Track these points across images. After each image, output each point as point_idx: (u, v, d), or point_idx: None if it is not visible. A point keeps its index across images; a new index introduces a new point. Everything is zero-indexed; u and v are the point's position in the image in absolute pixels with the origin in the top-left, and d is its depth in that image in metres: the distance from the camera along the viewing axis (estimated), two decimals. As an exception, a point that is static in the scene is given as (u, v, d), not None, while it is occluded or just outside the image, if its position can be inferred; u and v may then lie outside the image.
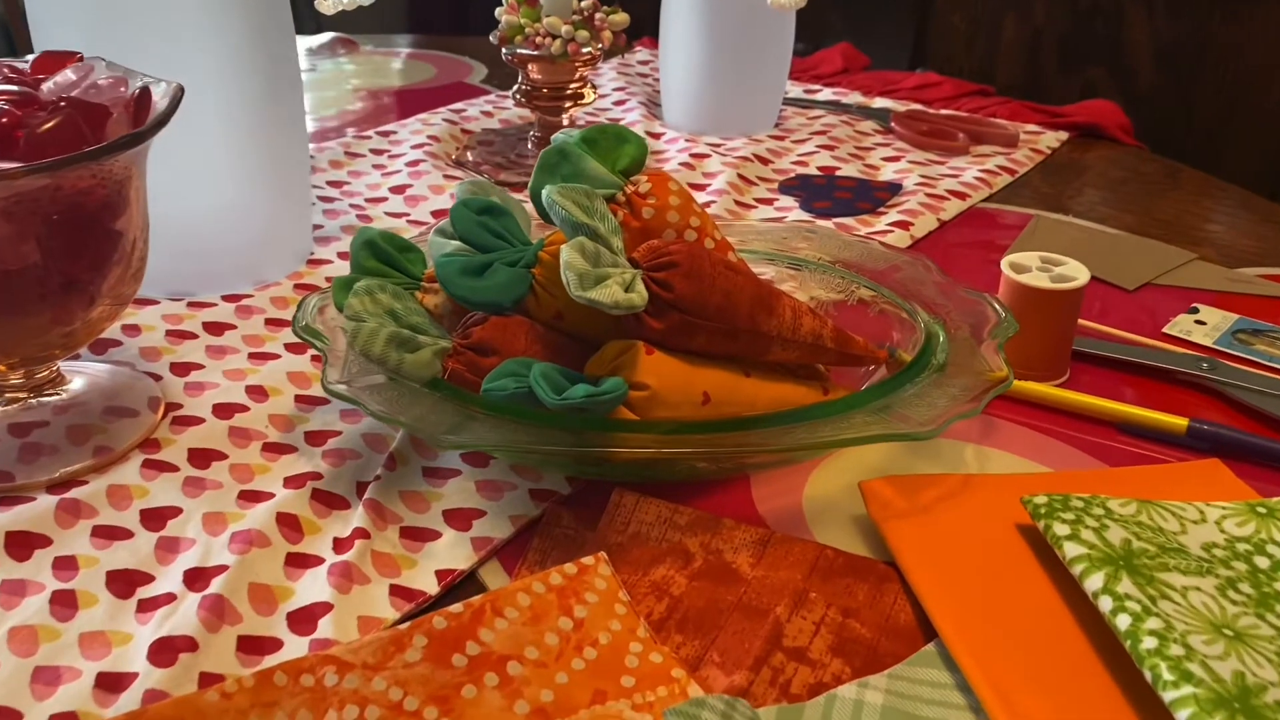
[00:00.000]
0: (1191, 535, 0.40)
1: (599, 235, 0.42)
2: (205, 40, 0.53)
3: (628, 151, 0.47)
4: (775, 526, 0.43)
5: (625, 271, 0.41)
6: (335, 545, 0.40)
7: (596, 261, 0.41)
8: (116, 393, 0.49)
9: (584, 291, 0.39)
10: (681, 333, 0.42)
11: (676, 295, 0.41)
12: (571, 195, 0.42)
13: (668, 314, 0.41)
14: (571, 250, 0.40)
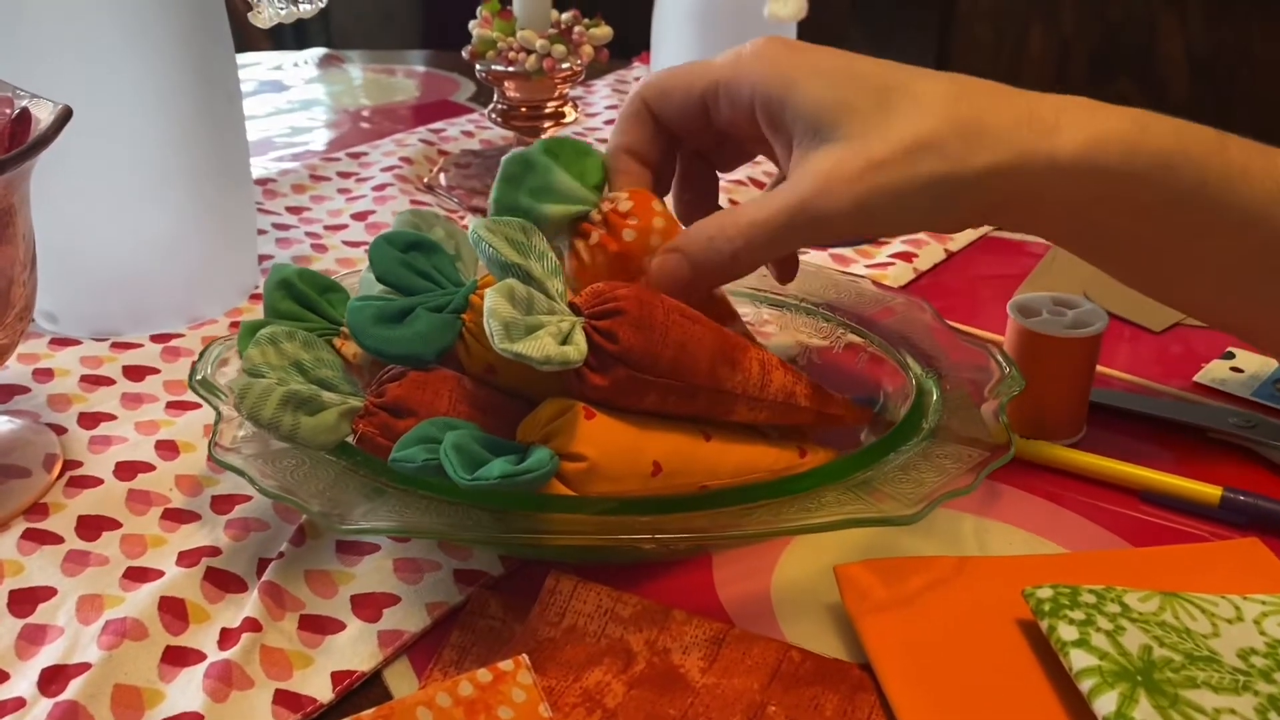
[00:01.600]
0: (1226, 639, 0.34)
1: (532, 277, 0.36)
2: (124, 53, 0.49)
3: (592, 166, 0.41)
4: (737, 617, 0.37)
5: (563, 319, 0.35)
6: (221, 638, 0.35)
7: (529, 308, 0.35)
8: (11, 449, 0.44)
9: (510, 344, 0.34)
10: (629, 391, 0.36)
11: (623, 348, 0.35)
12: (503, 230, 0.37)
13: (613, 369, 0.36)
14: (498, 296, 0.34)
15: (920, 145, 0.37)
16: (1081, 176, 0.37)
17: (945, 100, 0.37)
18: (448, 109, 0.89)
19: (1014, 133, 0.37)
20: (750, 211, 0.38)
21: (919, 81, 0.38)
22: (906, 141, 0.37)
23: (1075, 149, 0.36)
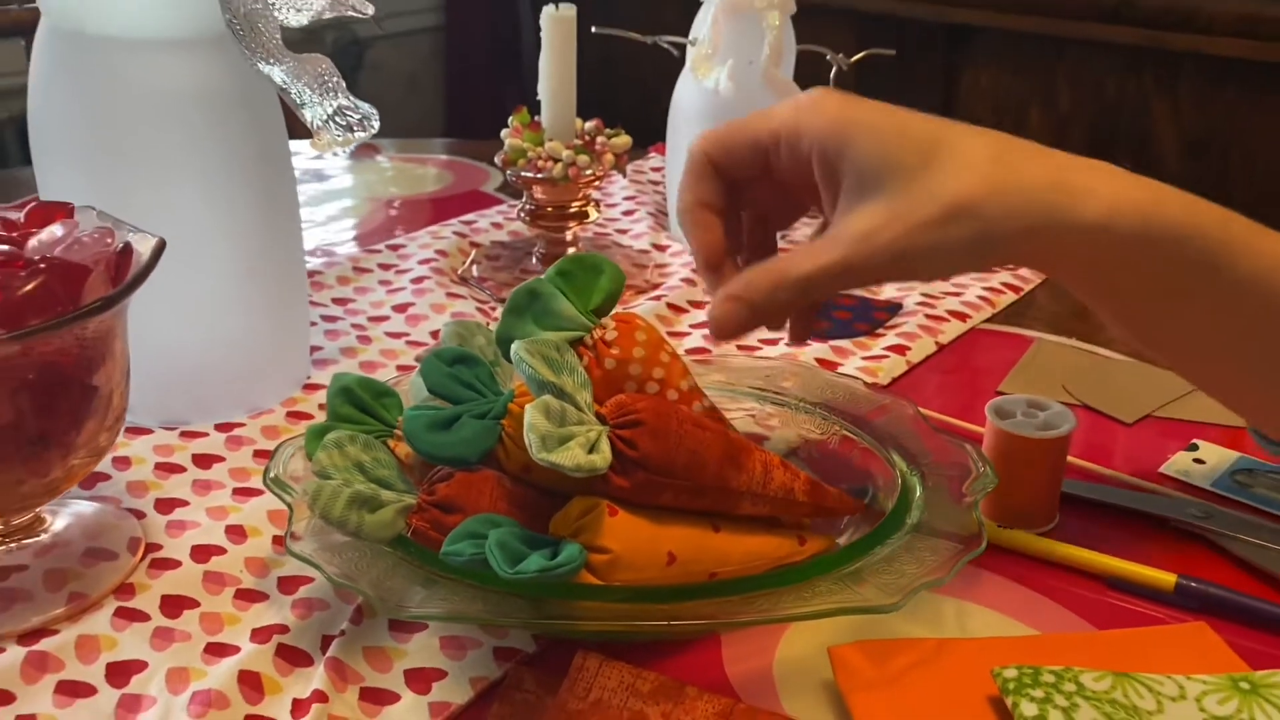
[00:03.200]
0: (1169, 715, 0.39)
1: (565, 392, 0.42)
2: (201, 183, 0.55)
3: (602, 285, 0.47)
4: (743, 693, 0.42)
5: (591, 429, 0.41)
6: (293, 708, 0.40)
7: (562, 420, 0.41)
8: (99, 533, 0.50)
9: (546, 454, 0.39)
10: (647, 491, 0.42)
11: (642, 454, 0.41)
12: (540, 350, 0.42)
13: (633, 473, 0.41)
14: (535, 411, 0.40)
15: (960, 207, 0.40)
16: (1101, 239, 0.40)
17: (985, 161, 0.40)
18: (478, 199, 0.95)
19: (1045, 195, 0.40)
20: (801, 264, 0.42)
21: (963, 139, 0.41)
22: (947, 203, 0.40)
23: (1098, 215, 0.40)
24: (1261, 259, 0.41)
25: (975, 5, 1.57)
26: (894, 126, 0.42)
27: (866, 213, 0.41)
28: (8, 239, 0.45)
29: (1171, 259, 0.41)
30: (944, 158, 0.41)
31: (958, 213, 0.40)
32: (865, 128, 0.42)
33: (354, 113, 0.57)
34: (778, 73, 0.78)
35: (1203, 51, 1.41)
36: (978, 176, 0.40)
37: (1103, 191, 0.40)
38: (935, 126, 0.42)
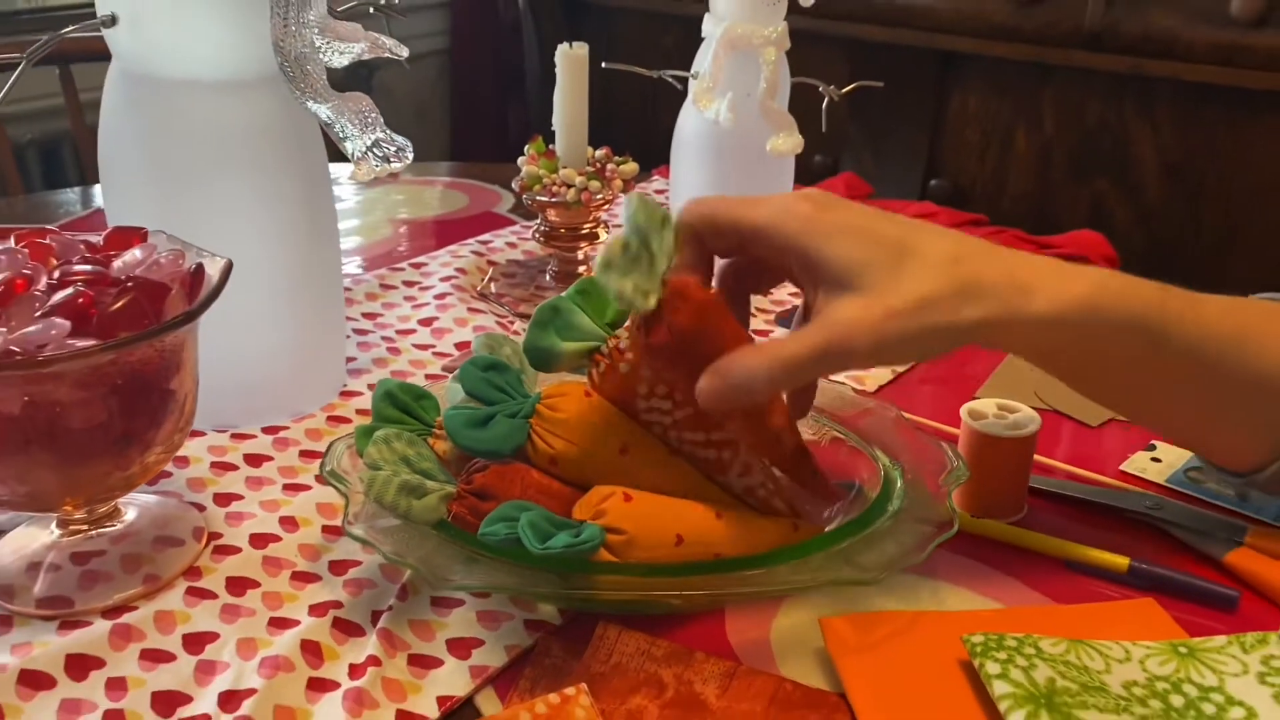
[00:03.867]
0: (1115, 674, 0.44)
1: (649, 246, 0.45)
2: (253, 206, 0.61)
3: (615, 302, 0.52)
4: (744, 658, 0.47)
5: (654, 280, 0.45)
6: (350, 671, 0.46)
7: (634, 261, 0.45)
8: (165, 523, 0.55)
9: (604, 274, 0.44)
10: (668, 357, 0.46)
11: (681, 322, 0.45)
12: (649, 208, 0.46)
13: (663, 332, 0.45)
14: (614, 241, 0.45)
15: (927, 302, 0.45)
16: (1050, 329, 0.47)
17: (947, 262, 0.46)
18: (493, 220, 1.02)
19: (1000, 294, 0.46)
20: (786, 349, 0.45)
21: (928, 242, 0.47)
22: (916, 299, 0.45)
23: (1046, 310, 0.46)
24: (1195, 328, 0.48)
25: (964, 33, 1.64)
26: (866, 230, 0.47)
27: (845, 304, 0.46)
28: (93, 260, 0.51)
29: (1114, 339, 0.48)
30: (911, 259, 0.46)
31: (926, 307, 0.45)
32: (839, 231, 0.47)
33: (390, 144, 0.62)
34: (773, 104, 0.84)
35: (1181, 78, 1.48)
36: (943, 277, 0.46)
37: (1050, 289, 0.47)
38: (901, 230, 0.47)
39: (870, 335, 0.45)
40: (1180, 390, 0.50)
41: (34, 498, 0.48)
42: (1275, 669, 0.45)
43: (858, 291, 0.46)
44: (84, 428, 0.46)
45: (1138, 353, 0.48)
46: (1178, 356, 0.48)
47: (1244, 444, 0.51)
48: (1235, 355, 0.48)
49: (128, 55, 0.59)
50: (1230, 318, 0.49)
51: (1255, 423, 0.50)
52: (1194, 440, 0.54)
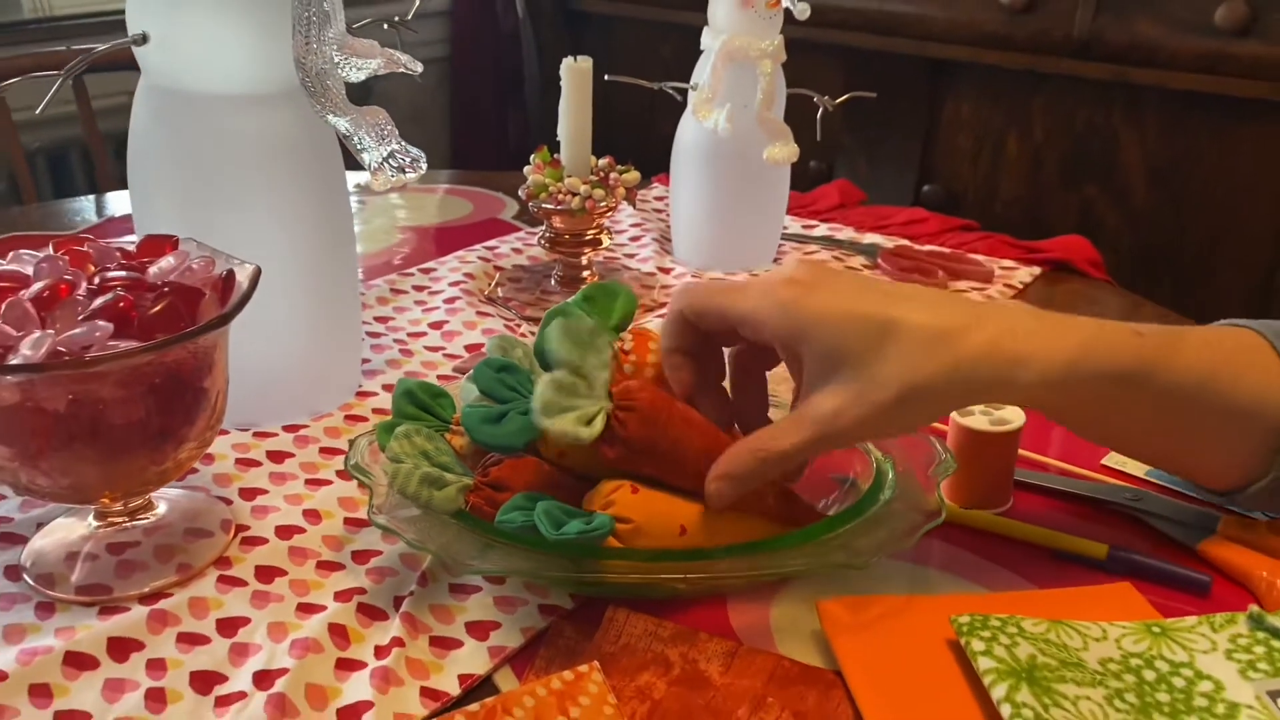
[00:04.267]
0: (1092, 651, 0.48)
1: (581, 371, 0.50)
2: (275, 214, 0.64)
3: (619, 306, 0.56)
4: (745, 639, 0.50)
5: (593, 405, 0.49)
6: (376, 652, 0.49)
7: (571, 394, 0.49)
8: (195, 516, 0.58)
9: (545, 419, 0.48)
10: (629, 462, 0.50)
11: (628, 434, 0.49)
12: (571, 331, 0.50)
13: (616, 445, 0.49)
14: (544, 384, 0.49)
15: (912, 390, 0.48)
16: (1037, 392, 0.50)
17: (930, 342, 0.48)
18: (498, 227, 1.05)
19: (985, 370, 0.48)
20: (779, 442, 0.49)
21: (909, 318, 0.48)
22: (899, 388, 0.48)
23: (1032, 378, 0.49)
24: (1172, 371, 0.51)
25: (956, 42, 1.67)
26: (843, 316, 0.48)
27: (830, 394, 0.48)
28: (129, 266, 0.54)
29: (1099, 389, 0.50)
30: (890, 345, 0.48)
31: (910, 395, 0.48)
32: (817, 322, 0.48)
33: (405, 155, 0.65)
34: (770, 115, 0.88)
35: (1167, 86, 1.51)
36: (925, 362, 0.48)
37: (1036, 358, 0.49)
38: (881, 305, 0.48)
39: (860, 424, 0.48)
40: (1161, 426, 0.53)
41: (76, 490, 0.51)
42: (1242, 646, 0.48)
43: (842, 381, 0.48)
44: (124, 424, 0.49)
45: (1120, 397, 0.51)
46: (1157, 397, 0.51)
47: (1223, 468, 0.55)
48: (1210, 391, 0.51)
49: (157, 71, 0.62)
50: (1203, 356, 0.52)
51: (1232, 449, 0.53)
52: (1179, 468, 0.57)
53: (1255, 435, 0.52)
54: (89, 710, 0.46)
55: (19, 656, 0.48)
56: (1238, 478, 0.54)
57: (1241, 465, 0.54)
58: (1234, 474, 0.54)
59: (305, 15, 0.61)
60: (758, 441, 0.50)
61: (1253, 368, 0.52)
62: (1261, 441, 0.52)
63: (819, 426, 0.49)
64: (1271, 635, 0.48)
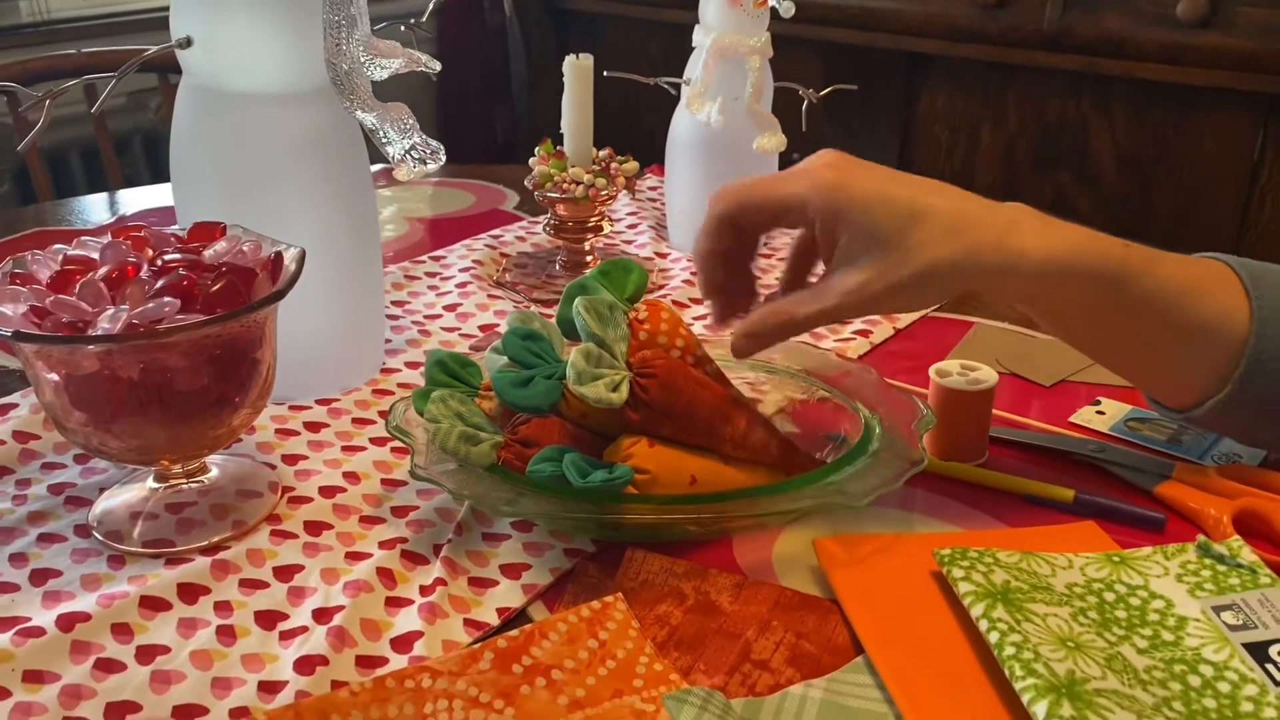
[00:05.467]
0: (1059, 578, 0.54)
1: (605, 343, 0.56)
2: (307, 203, 0.69)
3: (633, 280, 0.61)
4: (750, 574, 0.56)
5: (617, 374, 0.55)
6: (421, 591, 0.54)
7: (598, 363, 0.55)
8: (244, 478, 0.64)
9: (579, 386, 0.54)
10: (651, 424, 0.56)
11: (650, 397, 0.55)
12: (594, 307, 0.57)
13: (641, 409, 0.55)
14: (578, 353, 0.55)
15: (929, 271, 0.54)
16: (1033, 283, 0.56)
17: (947, 233, 0.54)
18: (501, 217, 1.10)
19: (992, 258, 0.54)
20: (803, 307, 0.56)
21: (935, 205, 0.54)
22: (918, 269, 0.54)
23: (1032, 268, 0.55)
24: (1151, 281, 0.57)
25: (932, 36, 1.74)
26: (880, 199, 0.54)
27: (857, 269, 0.55)
28: (184, 250, 0.59)
29: (1085, 289, 0.57)
30: (917, 228, 0.54)
31: (928, 273, 0.54)
32: (855, 203, 0.54)
33: (425, 148, 0.71)
34: (759, 107, 0.93)
35: (1134, 76, 1.58)
36: (944, 246, 0.54)
37: (1035, 251, 0.55)
38: (911, 194, 0.55)
39: (877, 299, 0.55)
40: (1136, 334, 0.59)
41: (142, 451, 0.57)
42: (1191, 571, 0.54)
43: (869, 260, 0.55)
44: (188, 391, 0.55)
45: (1101, 300, 0.57)
46: (1134, 304, 0.57)
47: (1185, 384, 0.61)
48: (1183, 304, 0.58)
49: (199, 72, 0.67)
50: (1179, 274, 0.58)
51: (1195, 365, 0.60)
52: (1143, 379, 0.63)
53: (1217, 353, 0.58)
54: (167, 644, 0.51)
55: (99, 600, 0.53)
56: (1196, 395, 0.60)
57: (1201, 382, 0.60)
58: (1194, 391, 0.60)
59: (335, 19, 0.67)
60: (782, 305, 0.56)
61: (1221, 291, 0.58)
62: (1222, 360, 0.58)
63: (842, 297, 0.55)
64: (1217, 561, 0.54)
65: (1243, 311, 0.58)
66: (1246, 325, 0.57)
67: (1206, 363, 0.59)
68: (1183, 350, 0.59)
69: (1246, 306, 0.58)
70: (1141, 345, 0.60)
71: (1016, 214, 0.57)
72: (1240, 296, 0.58)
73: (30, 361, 0.54)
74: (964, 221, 0.55)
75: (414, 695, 0.47)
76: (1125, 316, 0.58)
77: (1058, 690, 0.45)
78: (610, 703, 0.47)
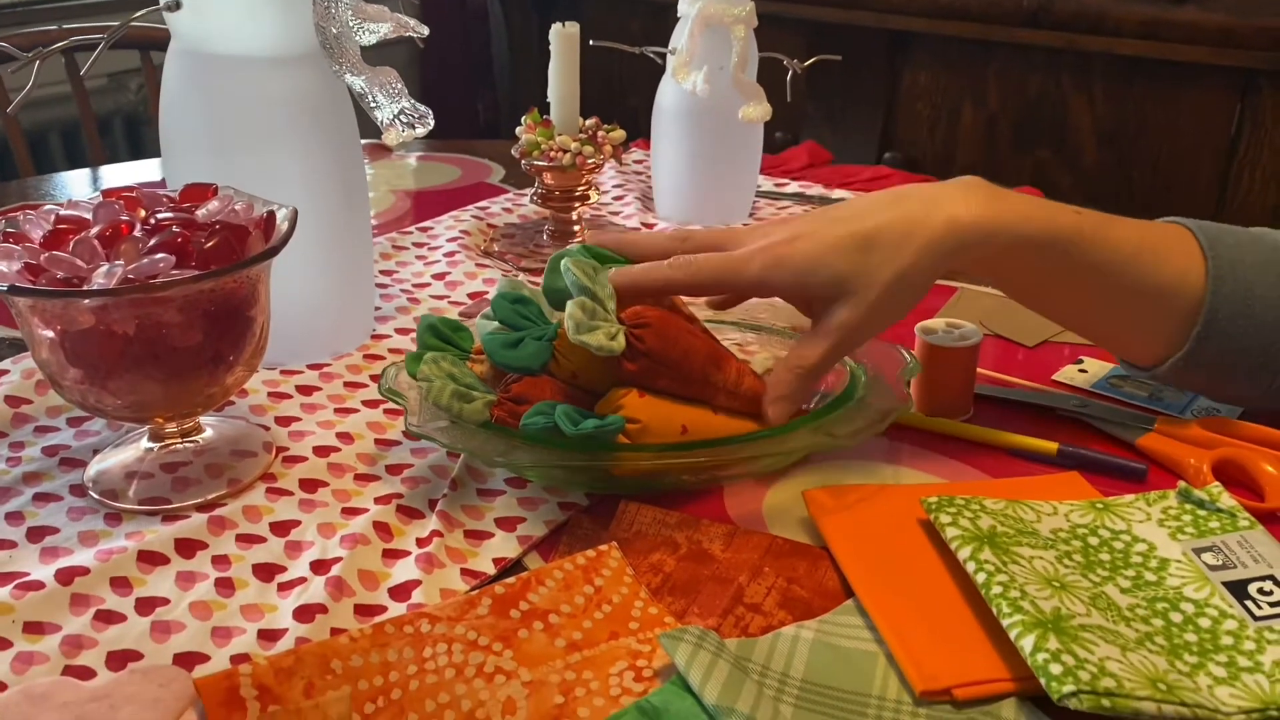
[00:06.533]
0: (1044, 524, 0.55)
1: (597, 297, 0.57)
2: (297, 166, 0.69)
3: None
4: (741, 525, 0.57)
5: (612, 326, 0.56)
6: (418, 543, 0.55)
7: (592, 316, 0.56)
8: (238, 439, 0.64)
9: (579, 335, 0.54)
10: (648, 375, 0.56)
11: (647, 347, 0.56)
12: (581, 266, 0.57)
13: (639, 359, 0.56)
14: (574, 305, 0.55)
15: (898, 280, 0.57)
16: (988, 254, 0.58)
17: (901, 239, 0.57)
18: (487, 190, 1.10)
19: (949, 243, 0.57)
20: (808, 356, 0.58)
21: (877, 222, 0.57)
22: (888, 281, 0.57)
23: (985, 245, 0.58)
24: (1105, 245, 0.59)
25: (914, 14, 1.74)
26: (827, 250, 0.57)
27: (838, 309, 0.58)
28: (178, 210, 0.59)
29: (1040, 255, 0.59)
30: (871, 252, 0.57)
31: (897, 283, 0.57)
32: (809, 262, 0.57)
33: (413, 113, 0.71)
34: (744, 76, 0.94)
35: (1113, 52, 1.59)
36: (901, 254, 0.57)
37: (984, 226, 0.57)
38: (851, 228, 0.58)
39: (865, 326, 0.58)
40: (1092, 296, 0.60)
41: (137, 408, 0.57)
42: (1172, 515, 0.55)
43: (843, 298, 0.58)
44: (183, 347, 0.55)
45: (1056, 265, 0.59)
46: (1089, 268, 0.59)
47: (1148, 344, 0.62)
48: (1137, 265, 0.59)
49: (187, 36, 0.67)
50: (1133, 236, 0.60)
51: (1155, 325, 0.61)
52: (1107, 340, 0.64)
53: (1176, 314, 0.60)
54: (167, 596, 0.52)
55: (97, 555, 0.54)
56: (1159, 353, 0.62)
57: (1162, 341, 0.61)
58: (1156, 349, 0.62)
59: (324, -18, 0.67)
60: (792, 361, 0.59)
61: (1177, 253, 0.60)
62: (1180, 319, 0.60)
63: (836, 334, 0.58)
64: (1197, 505, 0.55)
65: (1199, 272, 0.59)
66: (1203, 284, 0.59)
67: (1165, 322, 0.61)
68: (1141, 311, 0.61)
69: (1203, 267, 0.59)
70: (1101, 307, 0.62)
71: (957, 194, 0.59)
72: (1197, 258, 0.60)
73: (26, 318, 0.54)
74: (910, 224, 0.58)
75: (413, 640, 0.47)
76: (1081, 280, 0.60)
77: (1044, 625, 0.46)
78: (607, 644, 0.48)
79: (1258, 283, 0.59)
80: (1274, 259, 0.60)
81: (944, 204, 0.58)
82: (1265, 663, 0.45)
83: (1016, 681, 0.45)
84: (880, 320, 0.58)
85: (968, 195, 0.59)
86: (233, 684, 0.45)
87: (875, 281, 0.57)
